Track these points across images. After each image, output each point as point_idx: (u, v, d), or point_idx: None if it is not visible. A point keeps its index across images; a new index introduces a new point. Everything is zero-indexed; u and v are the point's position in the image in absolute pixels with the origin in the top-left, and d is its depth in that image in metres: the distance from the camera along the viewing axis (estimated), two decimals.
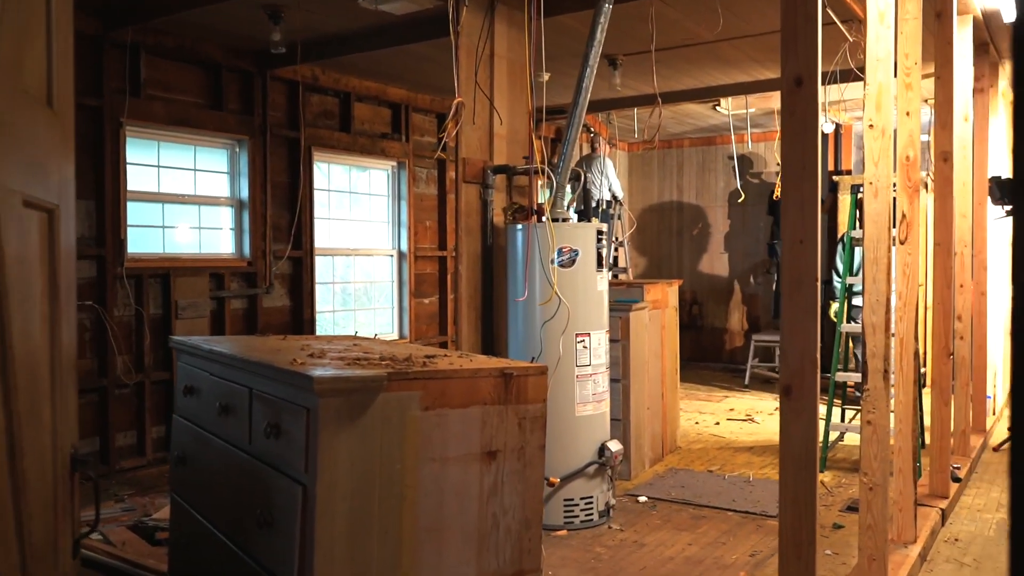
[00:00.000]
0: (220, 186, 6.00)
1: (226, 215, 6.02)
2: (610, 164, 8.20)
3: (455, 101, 3.87)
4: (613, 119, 8.88)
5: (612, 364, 4.49)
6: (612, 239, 7.81)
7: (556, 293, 4.01)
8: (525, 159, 4.54)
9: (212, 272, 5.77)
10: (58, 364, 1.25)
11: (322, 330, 6.69)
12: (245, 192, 6.01)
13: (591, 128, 8.56)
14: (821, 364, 2.22)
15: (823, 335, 2.19)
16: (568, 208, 4.43)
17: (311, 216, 6.44)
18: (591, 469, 4.12)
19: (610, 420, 4.32)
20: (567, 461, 4.07)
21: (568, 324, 4.04)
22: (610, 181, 8.07)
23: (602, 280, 4.23)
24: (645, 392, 5.15)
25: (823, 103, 1.98)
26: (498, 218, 4.45)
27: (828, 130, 8.10)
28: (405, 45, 5.44)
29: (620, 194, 8.27)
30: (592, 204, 7.82)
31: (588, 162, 8.06)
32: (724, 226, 10.06)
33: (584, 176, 4.67)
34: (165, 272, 5.47)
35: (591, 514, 4.13)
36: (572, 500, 4.09)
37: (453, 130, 3.96)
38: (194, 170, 5.83)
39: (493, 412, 2.12)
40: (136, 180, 5.43)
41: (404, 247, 7.35)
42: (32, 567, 1.12)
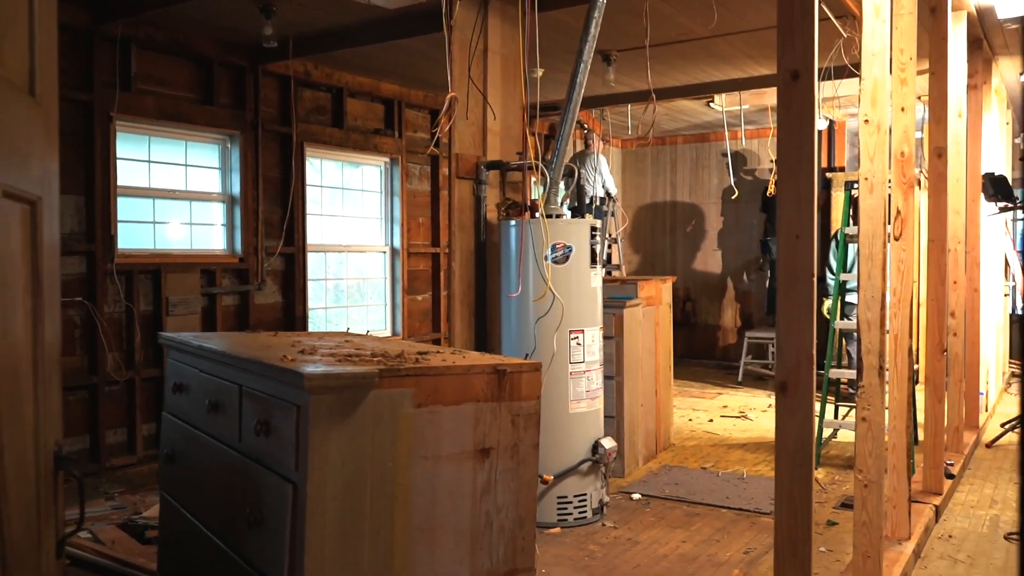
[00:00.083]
0: (211, 182, 5.96)
1: (217, 211, 5.98)
2: (604, 161, 8.18)
3: (448, 96, 3.84)
4: (607, 115, 8.86)
5: (606, 361, 4.47)
6: (606, 236, 7.79)
7: (550, 289, 3.99)
8: (519, 155, 4.52)
9: (203, 268, 5.73)
10: (41, 360, 1.22)
11: (315, 327, 6.65)
12: (237, 188, 5.97)
13: (585, 124, 8.53)
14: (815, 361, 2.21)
15: (816, 332, 2.17)
16: (562, 204, 4.41)
17: (303, 212, 6.41)
18: (585, 466, 4.10)
19: (604, 417, 4.30)
20: (561, 458, 4.05)
21: (562, 321, 4.02)
22: (604, 178, 8.05)
23: (596, 277, 4.21)
24: (639, 389, 5.13)
25: (817, 99, 1.95)
26: (491, 214, 4.42)
27: (822, 127, 8.11)
28: (398, 40, 5.40)
29: (614, 191, 8.25)
30: (586, 201, 7.80)
31: (582, 158, 8.04)
32: (717, 223, 10.06)
33: (578, 172, 4.64)
34: (156, 268, 5.43)
35: (585, 512, 4.11)
36: (566, 498, 4.07)
37: (446, 125, 3.93)
38: (185, 165, 5.79)
39: (486, 409, 2.09)
40: (126, 175, 5.38)
41: (397, 243, 7.32)
42: (13, 568, 1.09)
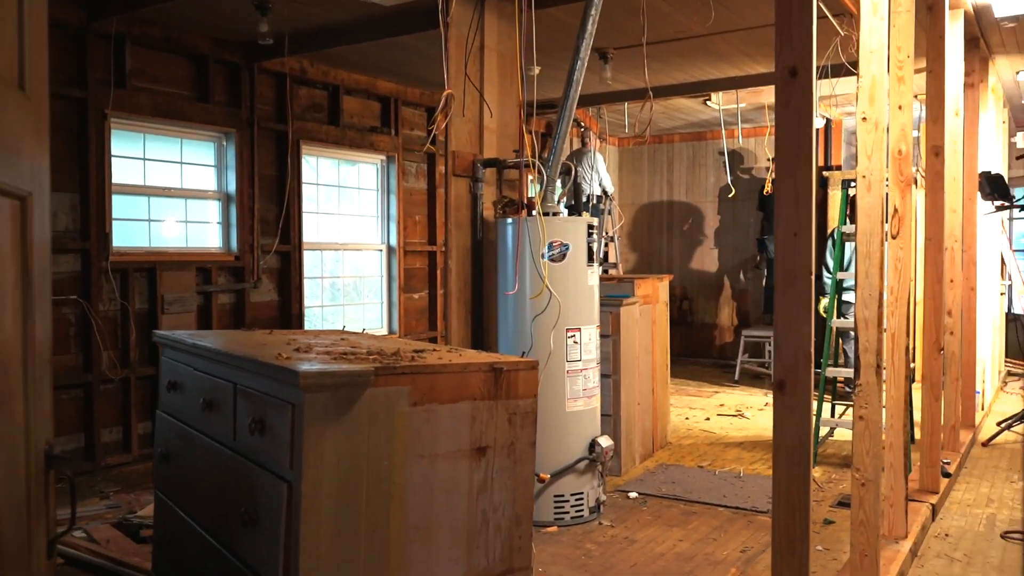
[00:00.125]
0: (207, 179, 5.93)
1: (213, 209, 5.96)
2: (600, 159, 8.17)
3: (445, 93, 3.82)
4: (603, 114, 8.85)
5: (602, 359, 4.46)
6: (603, 234, 7.78)
7: (547, 286, 3.97)
8: (515, 152, 4.50)
9: (199, 266, 5.71)
10: (31, 358, 1.20)
11: (311, 325, 6.64)
12: (232, 186, 5.94)
13: (581, 123, 8.52)
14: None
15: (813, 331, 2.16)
16: (559, 202, 4.40)
17: (299, 210, 6.39)
18: (581, 465, 4.09)
19: (600, 415, 4.29)
20: (557, 457, 4.04)
21: (559, 319, 4.01)
22: (600, 176, 8.03)
23: (593, 275, 4.20)
24: (636, 387, 5.12)
25: (815, 97, 1.94)
26: (488, 212, 4.41)
27: (818, 125, 8.10)
28: (394, 37, 5.39)
29: (611, 189, 8.23)
30: (582, 199, 7.78)
31: (578, 157, 8.02)
32: (714, 221, 10.06)
33: (575, 170, 4.62)
34: (151, 266, 5.41)
35: (581, 510, 4.10)
36: (562, 496, 4.06)
37: (443, 123, 3.92)
38: (180, 163, 5.76)
39: (483, 408, 2.08)
40: (121, 173, 5.36)
41: (393, 242, 7.30)
42: (3, 568, 1.08)
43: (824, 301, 5.80)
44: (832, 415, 5.80)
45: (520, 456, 2.14)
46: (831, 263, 5.85)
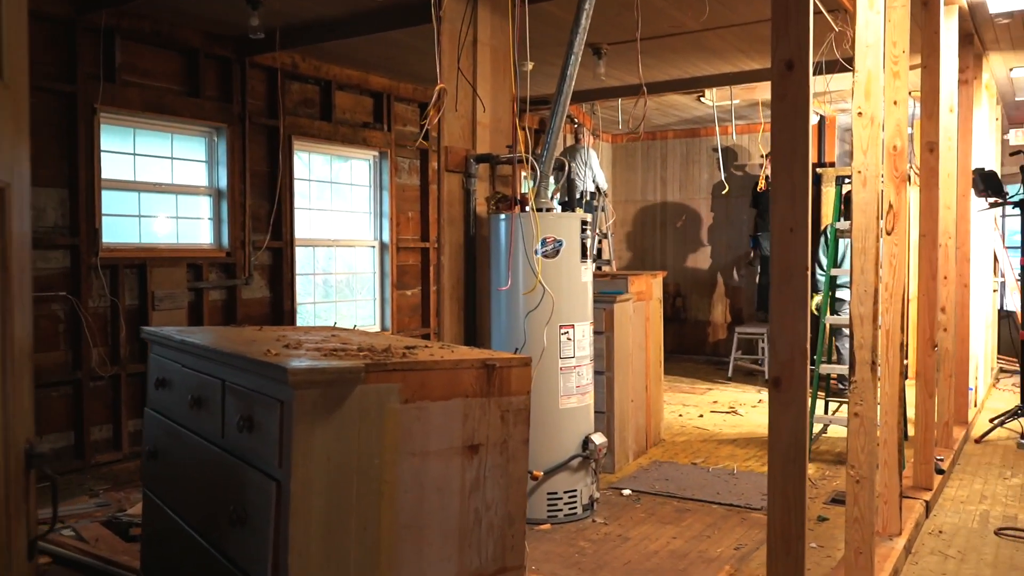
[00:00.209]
0: (198, 175, 5.89)
1: (204, 204, 5.91)
2: (594, 155, 8.14)
3: (437, 87, 3.79)
4: (597, 110, 8.82)
5: (596, 356, 4.44)
6: (596, 230, 7.75)
7: (540, 282, 3.95)
8: (508, 148, 4.47)
9: (190, 263, 5.67)
10: (10, 355, 1.17)
11: (303, 322, 6.60)
12: (224, 181, 5.90)
13: (575, 119, 8.49)
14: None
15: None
16: (552, 198, 4.37)
17: (291, 206, 6.35)
18: (575, 462, 4.07)
19: (594, 413, 4.27)
20: (551, 454, 4.02)
21: (552, 315, 3.98)
22: (594, 172, 8.01)
23: (586, 271, 4.17)
24: (629, 384, 5.10)
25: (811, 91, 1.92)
26: (481, 208, 4.38)
27: (812, 122, 8.08)
28: (387, 32, 5.35)
29: (604, 185, 8.21)
30: (576, 195, 7.76)
31: (572, 153, 8.00)
32: (708, 218, 10.04)
33: (568, 166, 4.60)
34: (141, 262, 5.37)
35: (575, 508, 4.08)
36: (556, 494, 4.04)
37: (435, 117, 3.89)
38: (171, 158, 5.72)
39: (475, 405, 2.05)
40: (111, 168, 5.31)
41: (386, 238, 7.27)
42: None
43: (817, 298, 5.79)
44: (826, 412, 5.79)
45: (513, 454, 2.11)
46: (824, 260, 5.84)
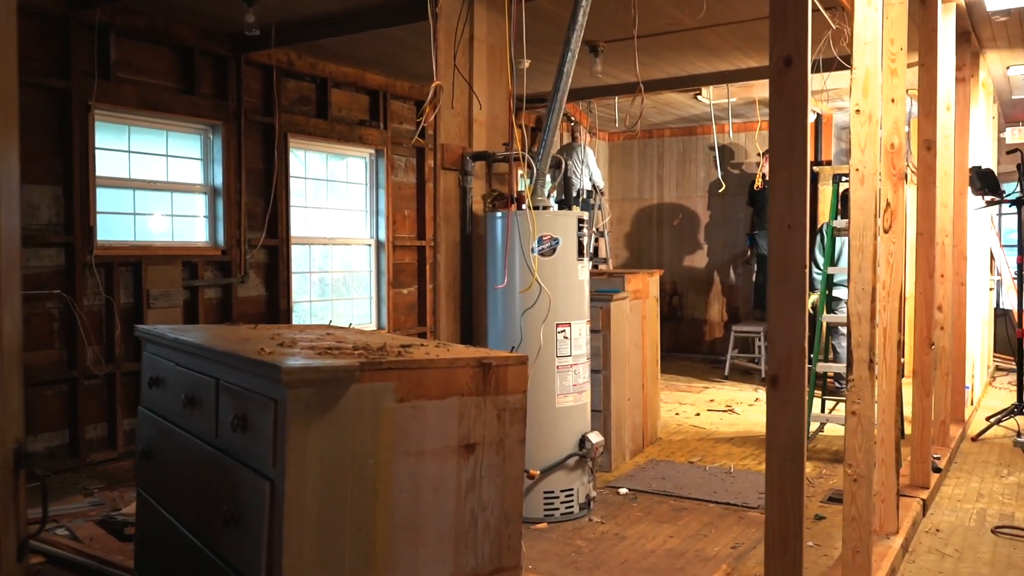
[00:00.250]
0: (193, 173, 5.86)
1: (199, 202, 5.89)
2: (591, 153, 8.13)
3: (433, 84, 3.77)
4: (594, 108, 8.80)
5: (593, 355, 4.43)
6: (593, 229, 7.74)
7: (536, 280, 3.93)
8: (505, 146, 4.46)
9: (185, 261, 5.65)
10: None
11: (299, 320, 6.58)
12: (219, 179, 5.88)
13: (572, 117, 8.47)
14: None
15: None
16: (549, 196, 4.36)
17: (287, 204, 6.32)
18: (571, 461, 4.06)
19: (591, 411, 4.26)
20: (547, 453, 4.00)
21: (549, 314, 3.97)
22: (591, 170, 8.00)
23: (583, 269, 4.16)
24: (626, 383, 5.09)
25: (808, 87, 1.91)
26: (477, 206, 4.36)
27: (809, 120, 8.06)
28: (383, 29, 5.33)
29: (601, 184, 8.20)
30: (573, 193, 7.75)
31: (568, 151, 7.98)
32: (704, 217, 10.04)
33: (565, 164, 4.58)
34: (136, 260, 5.34)
35: (571, 507, 4.07)
36: (552, 492, 4.03)
37: (431, 114, 3.87)
38: (166, 156, 5.69)
39: (471, 404, 2.04)
40: (106, 166, 5.29)
41: (382, 236, 7.25)
42: None
43: (813, 297, 5.78)
44: (822, 410, 5.78)
45: (509, 453, 2.10)
46: (820, 259, 5.83)
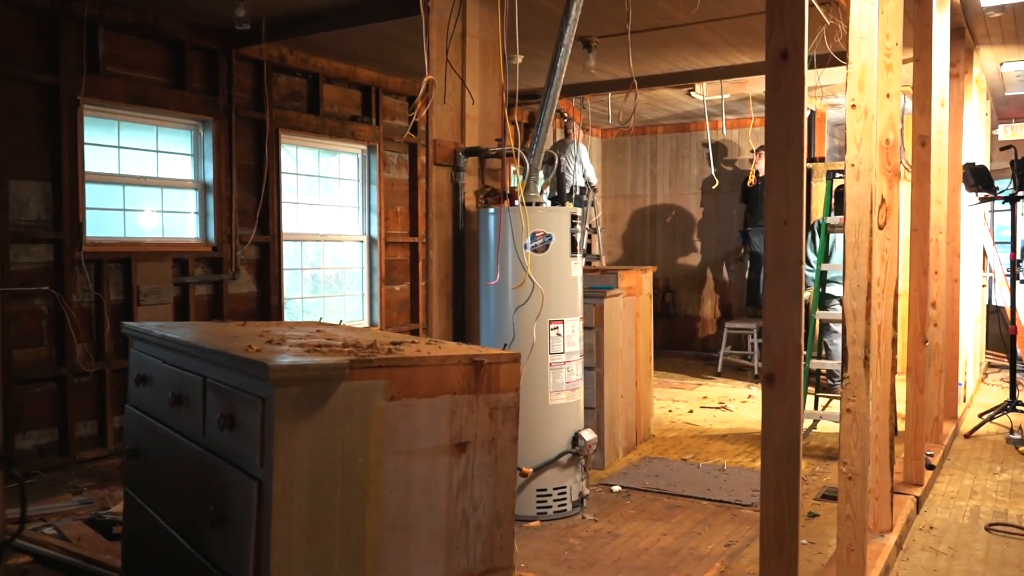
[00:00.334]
0: (184, 168, 5.81)
1: (190, 198, 5.84)
2: (584, 150, 8.10)
3: (425, 79, 3.73)
4: (587, 104, 8.77)
5: (586, 352, 4.40)
6: (586, 225, 7.72)
7: (529, 277, 3.91)
8: (498, 141, 4.43)
9: (176, 257, 5.60)
10: None
11: (291, 317, 6.54)
12: (210, 175, 5.83)
13: (565, 113, 8.44)
14: None
15: None
16: (541, 192, 4.33)
17: (279, 200, 6.28)
18: (564, 459, 4.03)
19: (584, 408, 4.24)
20: (540, 451, 3.98)
21: (541, 310, 3.94)
22: (584, 167, 7.97)
23: (576, 266, 4.13)
24: (619, 380, 5.07)
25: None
26: (470, 202, 4.33)
27: None
28: (374, 24, 5.29)
29: (594, 180, 8.17)
30: (566, 190, 7.71)
31: (562, 148, 7.95)
32: (697, 213, 10.02)
33: (558, 160, 4.55)
34: (126, 257, 5.29)
35: (564, 504, 4.05)
36: (545, 490, 4.00)
37: (423, 109, 3.83)
38: (156, 151, 5.64)
39: (463, 402, 2.01)
40: (95, 161, 5.24)
41: (375, 233, 7.21)
42: None
43: (806, 293, 5.76)
44: (816, 407, 5.77)
45: (501, 452, 2.07)
46: (812, 256, 5.82)
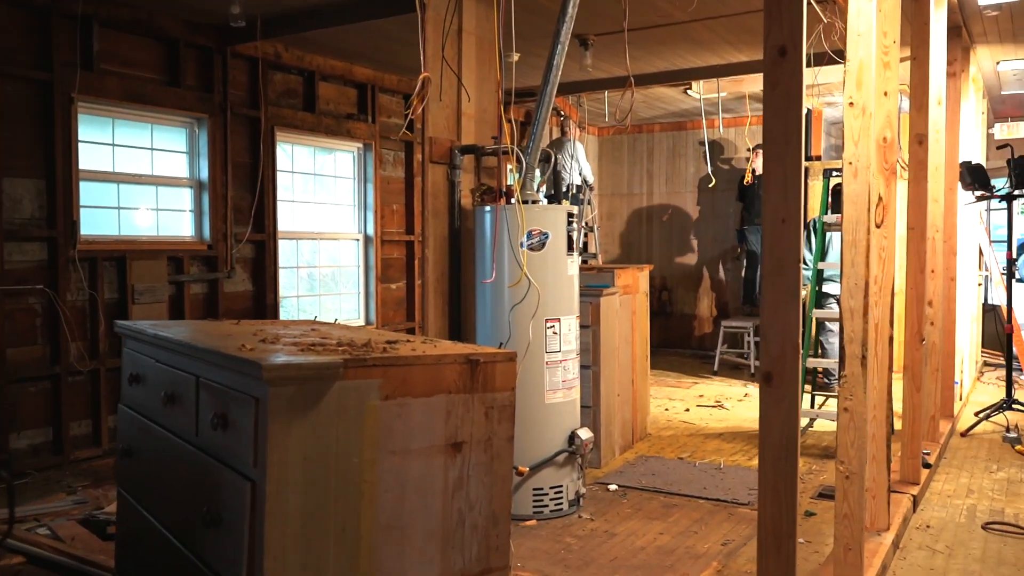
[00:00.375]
0: (179, 166, 5.79)
1: (185, 196, 5.81)
2: (580, 148, 8.09)
3: (421, 76, 3.72)
4: (583, 102, 8.76)
5: (582, 350, 4.39)
6: (582, 223, 7.70)
7: (525, 274, 3.89)
8: (494, 139, 4.41)
9: (170, 255, 5.57)
10: None
11: (286, 316, 6.52)
12: (205, 173, 5.80)
13: (561, 111, 8.43)
14: None
15: None
16: (538, 191, 4.31)
17: (274, 199, 6.26)
18: (561, 458, 4.02)
19: (580, 407, 4.22)
20: (536, 450, 3.97)
21: (538, 309, 3.93)
22: (580, 165, 7.96)
23: (572, 264, 4.12)
24: (615, 379, 5.06)
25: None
26: (466, 200, 4.31)
27: None
28: (370, 21, 5.26)
29: (591, 178, 8.16)
30: (562, 188, 7.70)
31: (558, 146, 7.94)
32: (694, 212, 10.02)
33: (555, 158, 4.54)
34: (121, 255, 5.27)
35: (561, 503, 4.04)
36: (542, 489, 3.99)
37: (419, 107, 3.81)
38: (151, 149, 5.62)
39: (458, 401, 2.00)
40: (89, 159, 5.21)
41: (370, 231, 7.19)
42: None
43: (803, 292, 5.75)
44: (812, 406, 5.77)
45: (497, 452, 2.06)
46: (808, 255, 5.81)
